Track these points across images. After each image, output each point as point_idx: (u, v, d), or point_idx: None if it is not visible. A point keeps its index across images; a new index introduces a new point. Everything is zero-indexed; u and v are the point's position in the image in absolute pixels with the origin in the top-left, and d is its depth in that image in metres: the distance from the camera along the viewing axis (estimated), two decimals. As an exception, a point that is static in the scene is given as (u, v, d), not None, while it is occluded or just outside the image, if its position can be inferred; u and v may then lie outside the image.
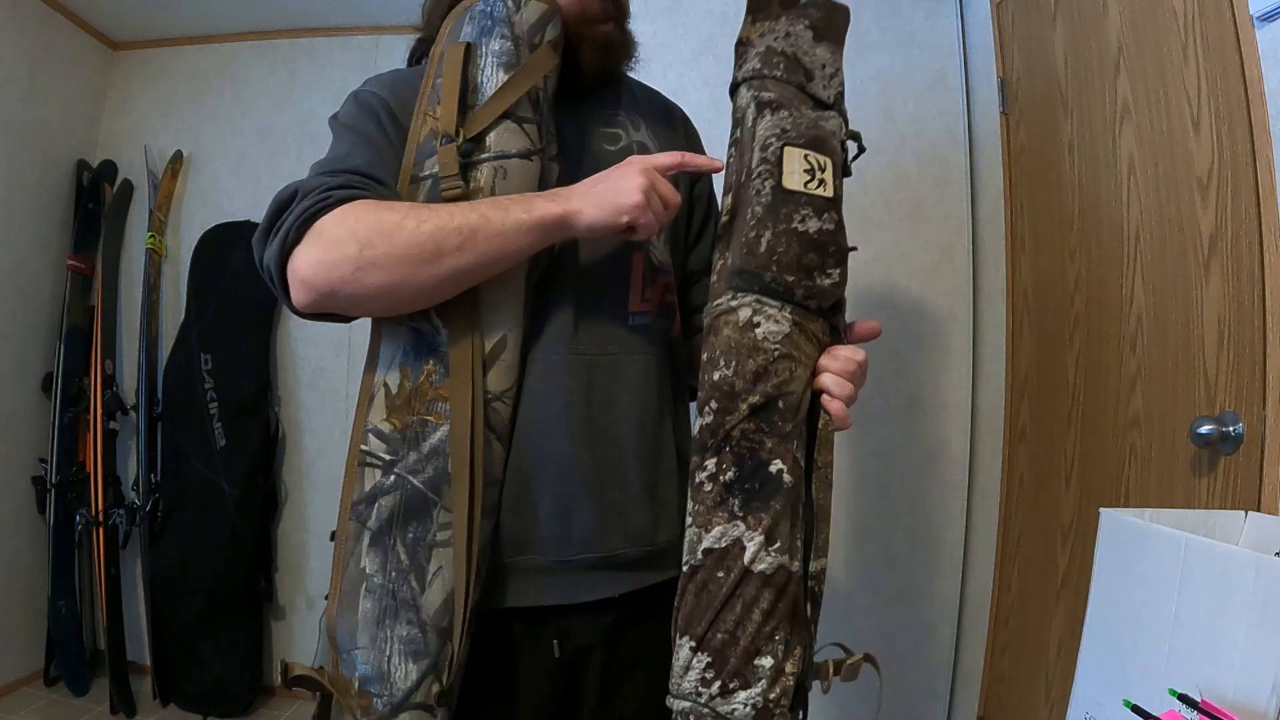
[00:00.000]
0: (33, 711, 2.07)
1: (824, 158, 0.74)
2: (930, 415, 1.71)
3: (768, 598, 0.66)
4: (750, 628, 0.66)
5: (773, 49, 0.79)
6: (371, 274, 0.67)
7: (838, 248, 0.73)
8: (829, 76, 0.80)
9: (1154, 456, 1.10)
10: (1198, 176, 1.01)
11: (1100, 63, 1.25)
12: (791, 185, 0.73)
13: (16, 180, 2.17)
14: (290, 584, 2.32)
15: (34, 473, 2.21)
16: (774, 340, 0.71)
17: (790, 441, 0.70)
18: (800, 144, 0.74)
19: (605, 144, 0.86)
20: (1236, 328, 0.94)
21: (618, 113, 0.89)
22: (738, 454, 0.69)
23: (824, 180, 0.74)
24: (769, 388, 0.70)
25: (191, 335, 2.23)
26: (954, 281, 1.72)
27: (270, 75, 2.40)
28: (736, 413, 0.70)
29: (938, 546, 1.70)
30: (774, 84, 0.78)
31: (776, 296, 0.72)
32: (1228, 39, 0.95)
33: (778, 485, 0.68)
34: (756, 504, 0.68)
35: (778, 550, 0.67)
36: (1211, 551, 0.61)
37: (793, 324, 0.72)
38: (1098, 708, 0.71)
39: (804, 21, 0.80)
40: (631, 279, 0.82)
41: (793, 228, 0.72)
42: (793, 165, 0.74)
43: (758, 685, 0.65)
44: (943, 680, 1.69)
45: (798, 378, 0.71)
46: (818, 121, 0.76)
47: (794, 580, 0.68)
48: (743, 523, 0.68)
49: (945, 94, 1.74)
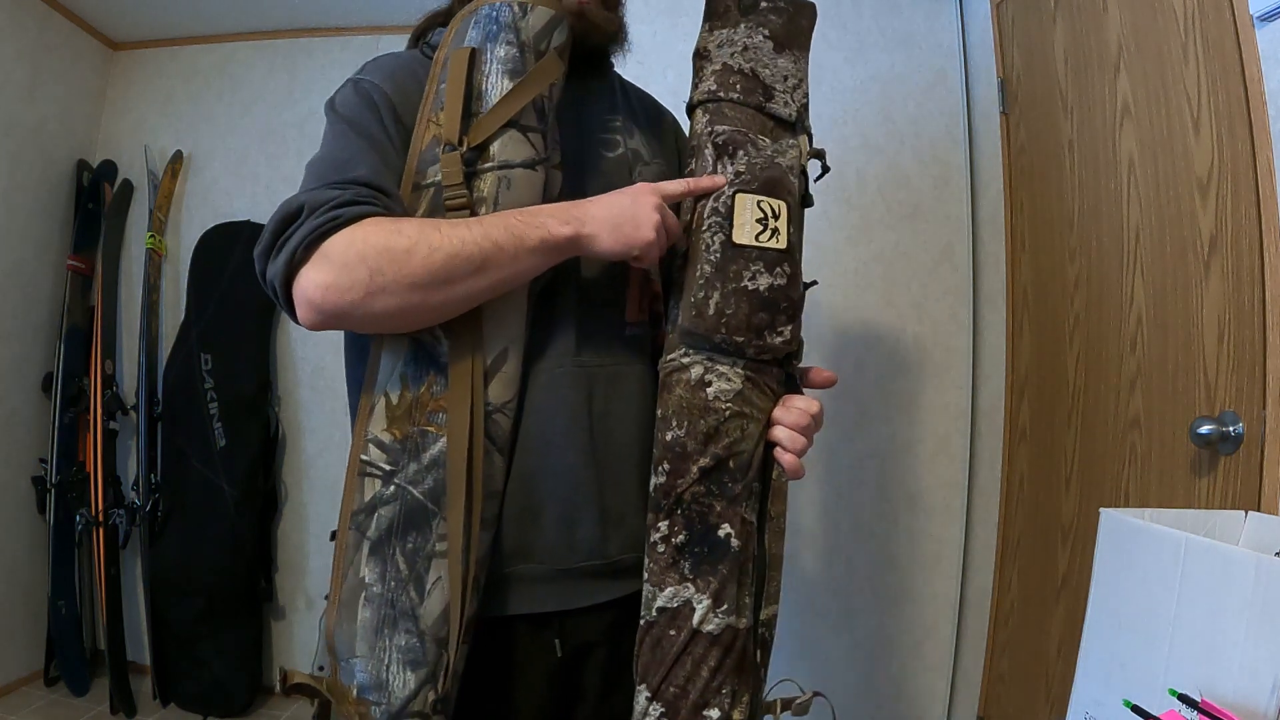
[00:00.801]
0: (33, 711, 2.07)
1: (778, 203, 0.73)
2: (930, 415, 1.71)
3: (715, 656, 0.70)
4: (699, 683, 0.69)
5: (729, 66, 0.77)
6: (382, 299, 0.66)
7: (789, 303, 0.73)
8: (792, 89, 0.78)
9: (1154, 456, 1.10)
10: (1198, 176, 1.01)
11: (1100, 63, 1.25)
12: (741, 239, 0.72)
13: (16, 180, 2.16)
14: (290, 584, 2.32)
15: (34, 473, 2.21)
16: (725, 399, 0.71)
17: (739, 503, 0.71)
18: (753, 189, 0.73)
19: (604, 150, 0.85)
20: (1236, 328, 0.94)
21: (615, 117, 0.88)
22: (688, 518, 0.71)
23: (777, 230, 0.73)
24: (719, 449, 0.71)
25: (191, 335, 2.23)
26: (954, 281, 1.72)
27: (270, 75, 2.40)
28: (688, 476, 0.71)
29: (938, 546, 1.70)
30: (730, 108, 0.76)
31: (727, 355, 0.72)
32: (1228, 39, 0.95)
33: (725, 549, 0.71)
34: (705, 567, 0.70)
35: (724, 611, 0.70)
36: (1211, 551, 0.61)
37: (745, 379, 0.72)
38: (1098, 708, 0.71)
39: (764, 31, 0.78)
40: (629, 290, 0.82)
41: (742, 286, 0.71)
42: (744, 216, 0.72)
43: None
44: (943, 680, 1.69)
45: (749, 435, 0.72)
46: (774, 159, 0.74)
47: (741, 636, 0.71)
48: (692, 585, 0.70)
49: (945, 94, 1.74)
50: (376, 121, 0.75)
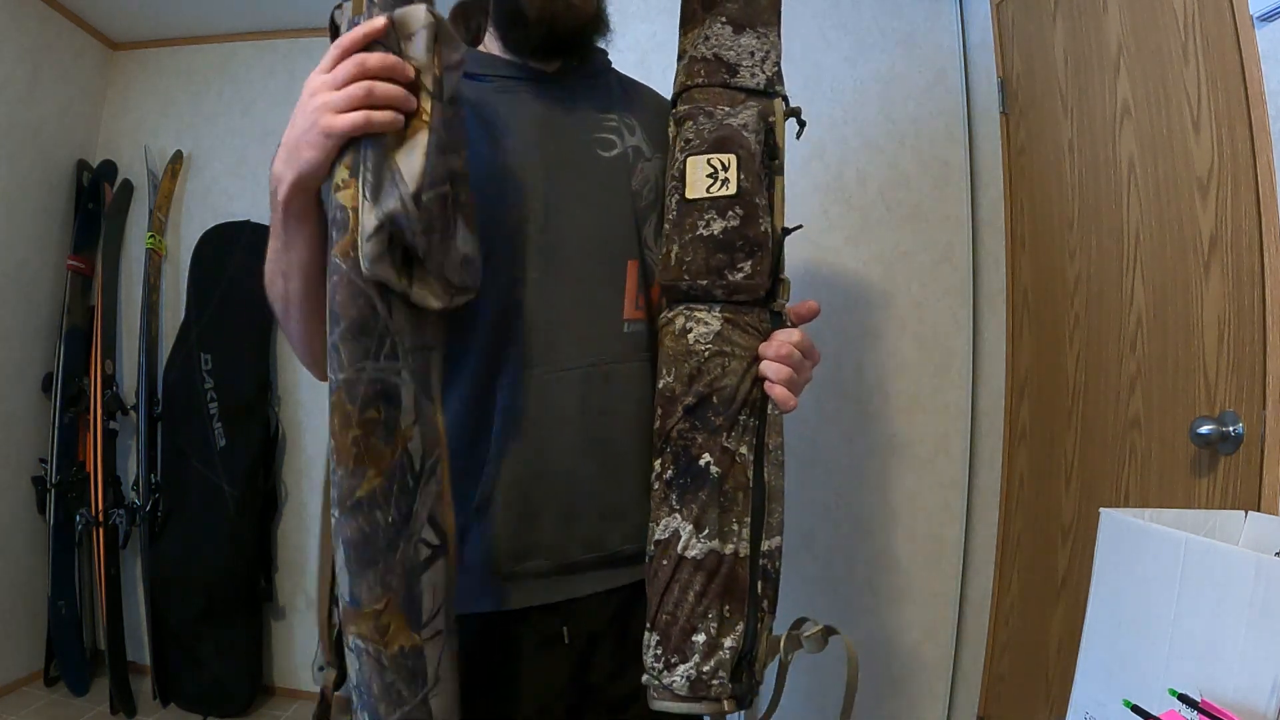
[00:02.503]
0: (33, 711, 2.07)
1: (728, 156, 0.77)
2: (930, 415, 1.71)
3: (700, 581, 0.73)
4: (685, 608, 0.73)
5: (694, 58, 0.84)
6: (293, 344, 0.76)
7: (744, 240, 0.76)
8: (759, 62, 0.83)
9: (1154, 456, 1.10)
10: (1198, 176, 1.01)
11: (1100, 63, 1.25)
12: (694, 194, 0.77)
13: (16, 180, 2.16)
14: (290, 584, 2.32)
15: (34, 473, 2.21)
16: (704, 341, 0.76)
17: (720, 434, 0.75)
18: (703, 150, 0.78)
19: (599, 150, 0.84)
20: (1236, 328, 0.94)
21: (610, 115, 0.87)
22: (675, 453, 0.76)
23: (726, 179, 0.76)
24: (701, 387, 0.75)
25: (191, 335, 2.23)
26: (954, 281, 1.72)
27: (270, 75, 2.40)
28: (674, 415, 0.76)
29: (938, 546, 1.70)
30: (699, 91, 0.83)
31: (700, 300, 0.77)
32: (1228, 39, 0.95)
33: (705, 477, 0.75)
34: (688, 496, 0.75)
35: (706, 536, 0.74)
36: (1211, 551, 0.61)
37: (724, 321, 0.76)
38: (1098, 708, 0.71)
39: (721, 19, 0.83)
40: (625, 287, 0.82)
41: (698, 234, 0.76)
42: (695, 174, 0.78)
43: (692, 659, 0.72)
44: (943, 680, 1.69)
45: (731, 370, 0.76)
46: (723, 121, 0.79)
47: (726, 561, 0.74)
48: (679, 515, 0.75)
49: (945, 94, 1.74)
50: None
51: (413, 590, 0.65)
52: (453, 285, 0.65)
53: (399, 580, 0.64)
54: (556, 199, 0.80)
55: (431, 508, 0.66)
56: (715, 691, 0.72)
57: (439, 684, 0.67)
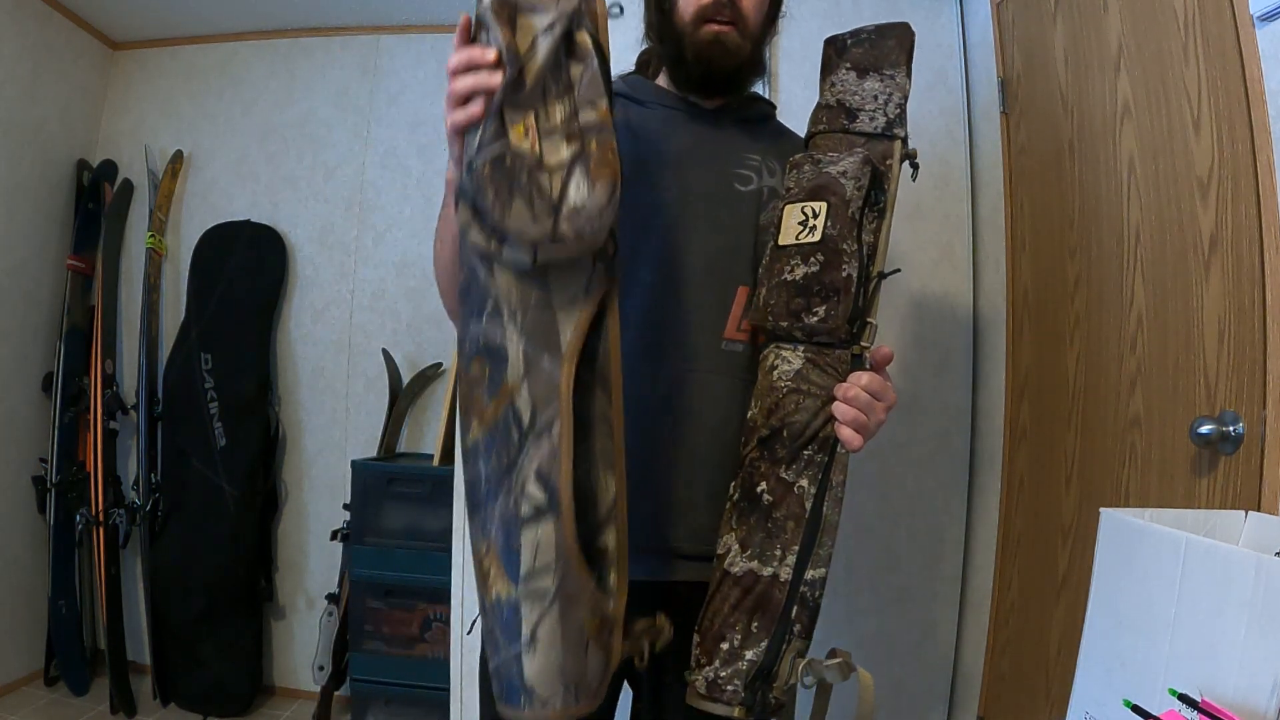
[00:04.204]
0: (33, 711, 2.07)
1: (819, 204, 0.81)
2: (930, 415, 1.71)
3: (735, 594, 0.79)
4: (720, 617, 0.79)
5: (820, 105, 0.90)
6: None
7: (821, 286, 0.79)
8: (882, 105, 0.87)
9: (1154, 456, 1.10)
10: (1198, 176, 1.01)
11: (1100, 63, 1.25)
12: (784, 241, 0.82)
13: (16, 180, 2.17)
14: (290, 584, 2.32)
15: (34, 473, 2.21)
16: (785, 379, 0.81)
17: (780, 465, 0.80)
18: (799, 199, 0.82)
19: (737, 184, 0.93)
20: (1236, 328, 0.94)
21: (753, 155, 0.95)
22: (743, 479, 0.82)
23: (814, 226, 0.80)
24: (775, 420, 0.80)
25: (191, 335, 2.23)
26: (954, 281, 1.71)
27: (270, 75, 2.40)
28: (750, 444, 0.82)
29: (938, 546, 1.70)
30: (822, 138, 0.88)
31: (787, 341, 0.82)
32: (1228, 39, 0.95)
33: (757, 504, 0.80)
34: (743, 519, 0.81)
35: (747, 557, 0.79)
36: (1211, 551, 0.61)
37: (805, 361, 0.81)
38: (1098, 708, 0.71)
39: (846, 64, 0.89)
40: (733, 310, 0.90)
41: (783, 279, 0.81)
42: (789, 222, 0.83)
43: (715, 662, 0.78)
44: (943, 680, 1.69)
45: (804, 408, 0.80)
46: (823, 169, 0.83)
47: (763, 582, 0.78)
48: (734, 534, 0.81)
49: (945, 94, 1.74)
50: None
51: (510, 542, 0.66)
52: (548, 238, 0.65)
53: (498, 530, 0.67)
54: (686, 217, 0.89)
55: (541, 464, 0.66)
56: (727, 697, 0.77)
57: (535, 645, 0.66)
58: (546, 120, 0.66)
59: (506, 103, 0.65)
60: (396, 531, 1.96)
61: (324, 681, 2.05)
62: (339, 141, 2.35)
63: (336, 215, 2.35)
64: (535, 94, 0.66)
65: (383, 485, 1.97)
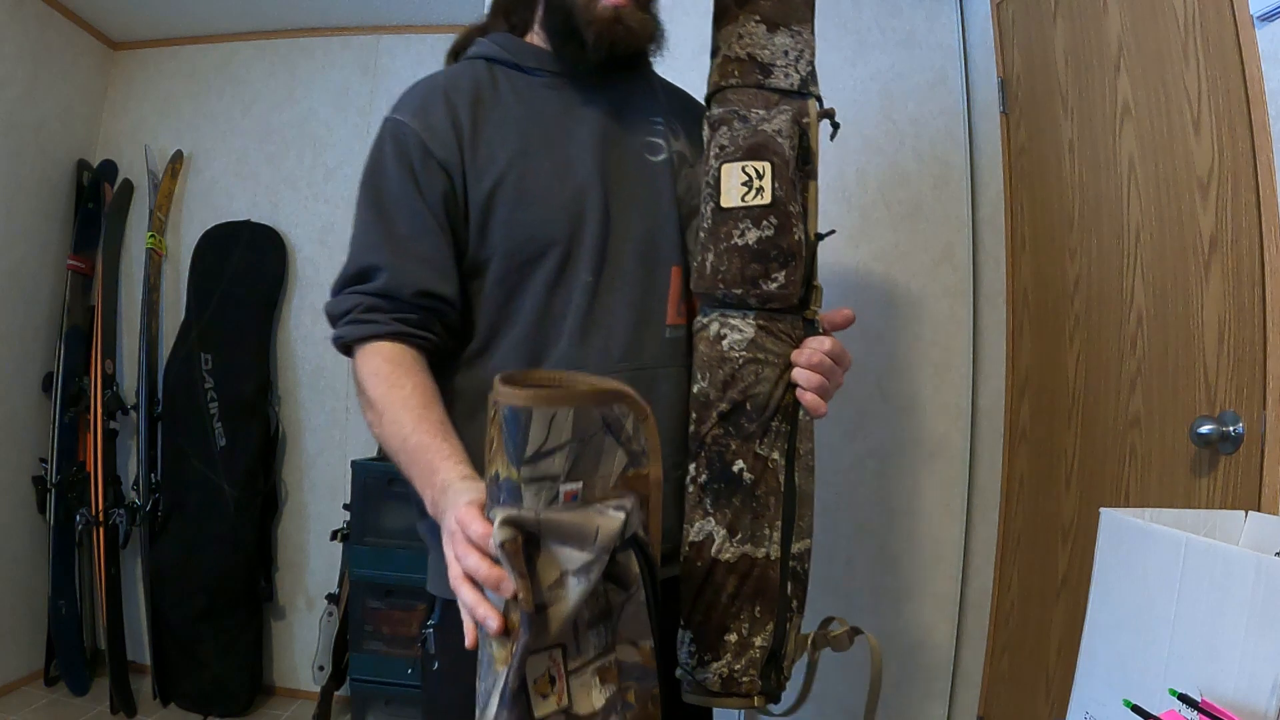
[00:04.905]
0: (33, 711, 2.07)
1: (762, 164, 0.77)
2: (930, 415, 1.71)
3: (732, 583, 0.75)
4: (719, 609, 0.76)
5: (728, 57, 0.83)
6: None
7: (779, 250, 0.77)
8: (793, 61, 0.83)
9: (1154, 456, 1.10)
10: (1198, 176, 1.01)
11: (1100, 63, 1.25)
12: (728, 203, 0.77)
13: (16, 180, 2.16)
14: (290, 584, 2.32)
15: (34, 473, 2.21)
16: (739, 349, 0.77)
17: (753, 440, 0.76)
18: (738, 157, 0.78)
19: (647, 154, 0.87)
20: (1236, 328, 0.94)
21: (657, 120, 0.90)
22: (709, 458, 0.78)
23: (761, 188, 0.77)
24: (735, 394, 0.77)
25: (191, 335, 2.23)
26: (954, 281, 1.71)
27: (270, 75, 2.39)
28: (709, 421, 0.78)
29: (937, 546, 1.70)
30: (734, 92, 0.82)
31: (735, 308, 0.78)
32: (1228, 39, 0.95)
33: (738, 484, 0.76)
34: (721, 501, 0.77)
35: (739, 541, 0.76)
36: (1211, 551, 0.61)
37: (757, 328, 0.77)
38: (1098, 708, 0.71)
39: (755, 17, 0.82)
40: (669, 294, 0.84)
41: (733, 244, 0.77)
42: (730, 182, 0.77)
43: (724, 657, 0.75)
44: (943, 680, 1.69)
45: (764, 378, 0.77)
46: (758, 127, 0.79)
47: (759, 565, 0.76)
48: (712, 518, 0.77)
49: (945, 94, 1.74)
50: (407, 182, 0.80)
51: None
52: None
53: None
54: (613, 205, 0.83)
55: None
56: (746, 688, 0.75)
57: None
58: (577, 654, 0.56)
59: (526, 649, 0.53)
60: (396, 531, 1.96)
61: (324, 681, 2.05)
62: (339, 141, 2.35)
63: (336, 215, 2.35)
64: (564, 632, 0.55)
65: (383, 485, 1.97)
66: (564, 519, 0.53)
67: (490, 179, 0.80)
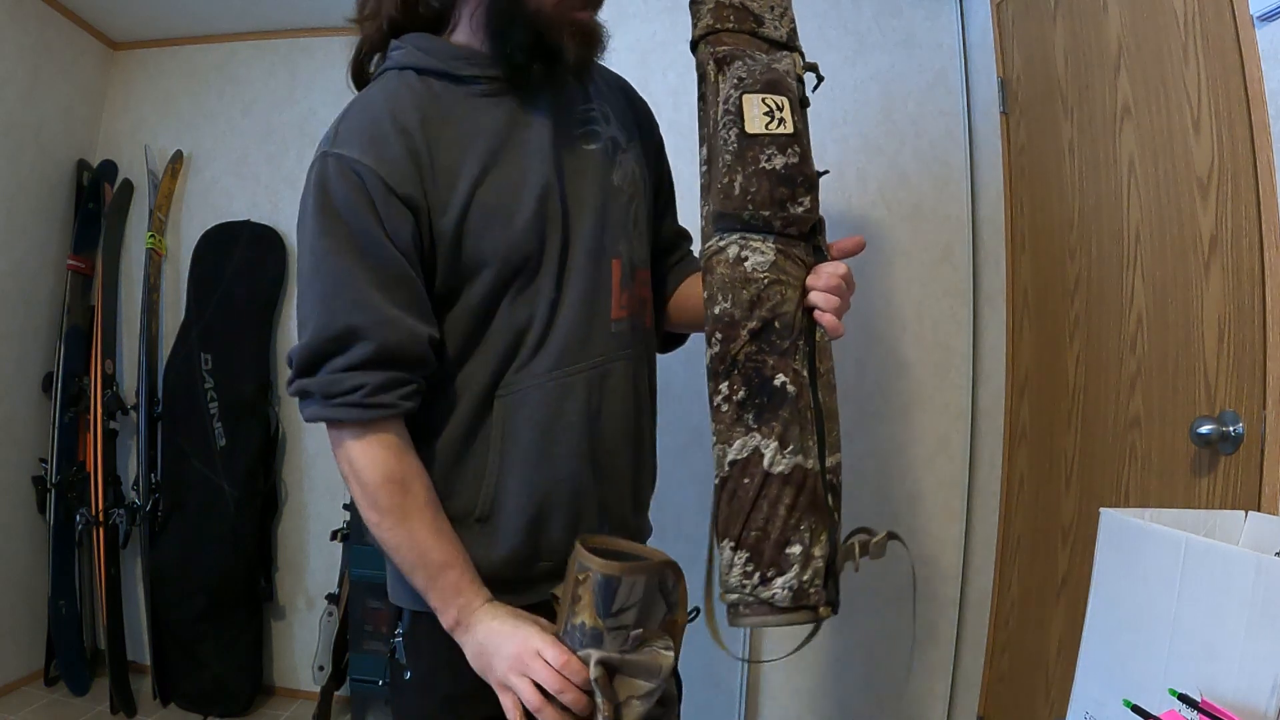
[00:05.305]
0: (33, 711, 2.07)
1: (780, 98, 0.80)
2: (930, 415, 1.71)
3: (789, 495, 0.75)
4: (778, 523, 0.75)
5: (721, 3, 0.85)
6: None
7: (805, 177, 0.80)
8: (779, 15, 0.87)
9: (1154, 456, 1.10)
10: (1198, 176, 1.01)
11: (1100, 63, 1.25)
12: (753, 129, 0.79)
13: (16, 180, 2.16)
14: (290, 584, 2.32)
15: (34, 473, 2.21)
16: (762, 270, 0.78)
17: (789, 356, 0.78)
18: (757, 90, 0.80)
19: (585, 143, 0.86)
20: (1236, 328, 0.94)
21: (591, 106, 0.88)
22: (745, 375, 0.78)
23: (783, 119, 0.80)
24: (763, 312, 0.78)
25: (191, 335, 2.22)
26: (954, 281, 1.71)
27: (270, 75, 2.39)
28: (739, 339, 0.78)
29: (937, 546, 1.70)
30: (728, 35, 0.84)
31: (758, 231, 0.79)
32: (1228, 39, 0.95)
33: (783, 396, 0.77)
34: (767, 415, 0.76)
35: (791, 452, 0.76)
36: (1211, 551, 0.61)
37: (777, 252, 0.79)
38: (1098, 708, 0.71)
39: None
40: (613, 288, 0.85)
41: (760, 167, 0.79)
42: (752, 111, 0.80)
43: (791, 570, 0.74)
44: (943, 680, 1.69)
45: (788, 299, 0.79)
46: (770, 65, 0.82)
47: (810, 476, 0.76)
48: (758, 433, 0.76)
49: (945, 94, 1.74)
50: (373, 226, 0.74)
51: None
52: None
53: None
54: (570, 208, 0.82)
55: None
56: (814, 599, 0.75)
57: None
58: None
59: None
60: (396, 531, 1.96)
61: (324, 681, 2.05)
62: (339, 141, 2.35)
63: (336, 215, 2.35)
64: None
65: (383, 485, 1.97)
66: (640, 659, 0.72)
67: (455, 209, 0.76)
